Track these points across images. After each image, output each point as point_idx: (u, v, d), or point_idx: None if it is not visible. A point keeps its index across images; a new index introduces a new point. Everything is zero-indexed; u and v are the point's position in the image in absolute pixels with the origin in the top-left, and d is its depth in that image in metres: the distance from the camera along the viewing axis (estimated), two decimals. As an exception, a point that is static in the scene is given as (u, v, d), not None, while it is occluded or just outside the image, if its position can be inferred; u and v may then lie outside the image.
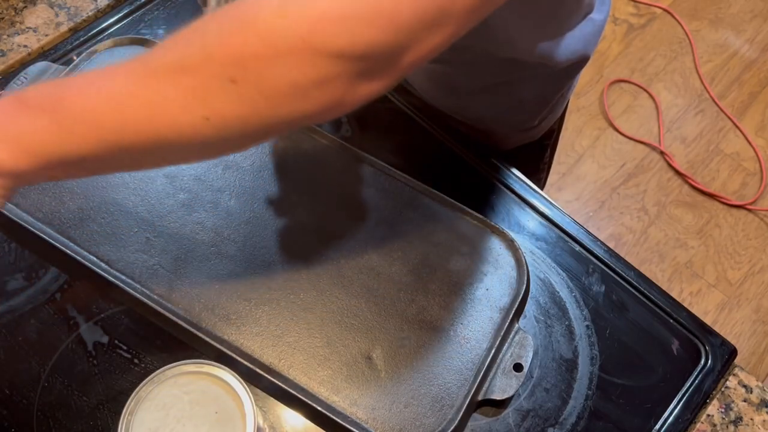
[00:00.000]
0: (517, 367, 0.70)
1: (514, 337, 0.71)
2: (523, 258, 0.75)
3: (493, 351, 0.69)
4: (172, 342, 0.69)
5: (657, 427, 0.71)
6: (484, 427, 0.69)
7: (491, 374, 0.69)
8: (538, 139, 1.00)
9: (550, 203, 0.83)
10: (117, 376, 0.68)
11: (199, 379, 0.61)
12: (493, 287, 0.74)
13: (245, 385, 0.61)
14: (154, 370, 0.67)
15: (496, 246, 0.76)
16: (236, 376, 0.61)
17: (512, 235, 0.76)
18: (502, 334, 0.70)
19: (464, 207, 0.77)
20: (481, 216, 0.77)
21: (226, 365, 0.62)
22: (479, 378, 0.68)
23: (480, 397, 0.68)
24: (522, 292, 0.73)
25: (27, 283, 0.71)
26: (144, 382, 0.60)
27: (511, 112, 0.91)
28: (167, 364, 0.67)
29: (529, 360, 0.70)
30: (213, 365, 0.61)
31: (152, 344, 0.69)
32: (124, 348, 0.69)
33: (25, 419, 0.65)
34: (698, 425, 0.72)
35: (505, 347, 0.70)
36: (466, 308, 0.72)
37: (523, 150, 0.98)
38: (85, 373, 0.67)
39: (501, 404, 0.69)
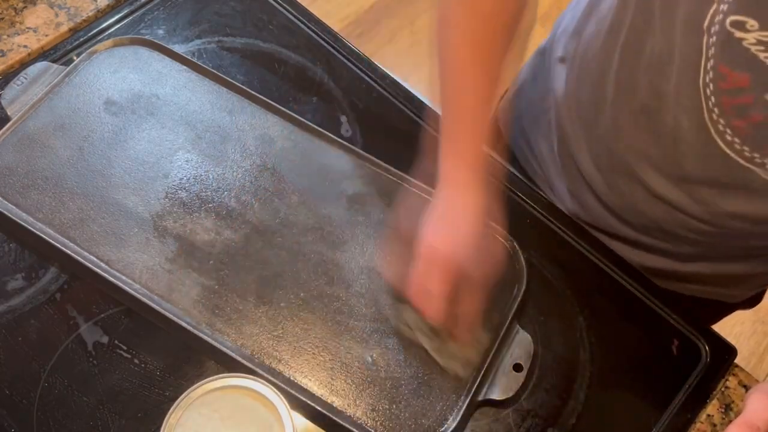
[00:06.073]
0: (517, 368, 0.70)
1: (513, 337, 0.71)
2: (522, 259, 0.75)
3: (492, 351, 0.69)
4: (173, 342, 0.69)
5: (657, 427, 0.71)
6: (484, 427, 0.69)
7: (491, 375, 0.69)
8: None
9: (550, 202, 0.83)
10: (117, 376, 0.67)
11: (226, 394, 0.61)
12: (492, 288, 0.73)
13: (272, 388, 0.61)
14: (154, 370, 0.67)
15: (496, 247, 0.76)
16: (261, 381, 0.61)
17: (511, 235, 0.76)
18: (501, 334, 0.70)
19: None
20: (479, 216, 0.77)
21: (225, 366, 0.62)
22: (479, 378, 0.68)
23: (480, 398, 0.68)
24: (521, 293, 0.73)
25: (27, 283, 0.71)
26: (171, 409, 0.60)
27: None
28: (168, 364, 0.68)
29: (529, 360, 0.70)
30: (235, 376, 0.62)
31: (152, 344, 0.69)
32: (124, 348, 0.69)
33: (25, 419, 0.65)
34: (698, 425, 0.72)
35: (504, 348, 0.70)
36: (465, 309, 0.72)
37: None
38: (85, 373, 0.67)
39: (501, 405, 0.69)
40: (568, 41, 0.78)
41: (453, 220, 0.64)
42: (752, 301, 0.90)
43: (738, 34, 0.52)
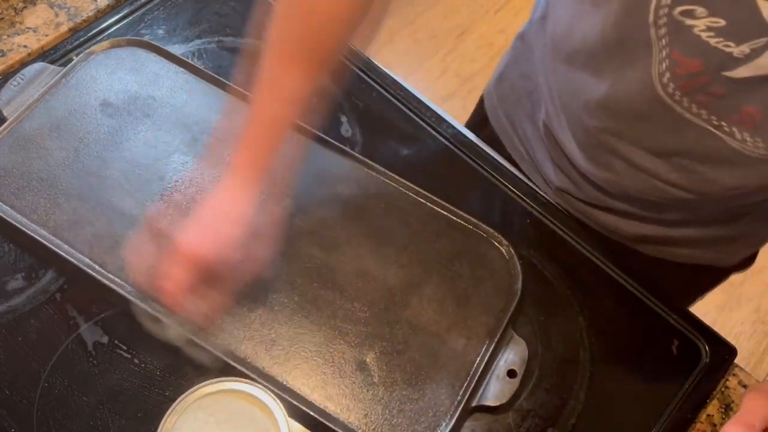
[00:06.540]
0: (511, 374, 0.69)
1: (508, 343, 0.71)
2: (518, 265, 0.75)
3: (487, 357, 0.69)
4: (172, 343, 0.69)
5: (657, 427, 0.71)
6: (484, 426, 0.69)
7: (485, 380, 0.69)
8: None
9: (550, 202, 0.82)
10: (117, 376, 0.68)
11: (221, 398, 0.61)
12: (487, 293, 0.73)
13: (268, 392, 0.61)
14: (154, 370, 0.68)
15: (492, 251, 0.76)
16: (257, 385, 0.62)
17: (508, 239, 0.76)
18: (496, 340, 0.70)
19: (459, 212, 0.77)
20: (476, 221, 0.77)
21: (219, 370, 0.62)
22: (473, 384, 0.68)
23: (473, 404, 0.68)
24: (516, 299, 0.73)
25: (27, 283, 0.71)
26: (167, 413, 0.60)
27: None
28: (167, 364, 0.68)
29: (524, 366, 0.70)
30: (231, 380, 0.62)
31: (152, 344, 0.69)
32: (124, 348, 0.69)
33: (25, 419, 0.65)
34: (698, 425, 0.72)
35: (499, 353, 0.70)
36: (460, 314, 0.72)
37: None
38: (85, 373, 0.68)
39: (495, 410, 0.69)
40: (544, 25, 0.78)
41: (218, 220, 0.65)
42: (745, 264, 0.90)
43: (688, 21, 0.54)
